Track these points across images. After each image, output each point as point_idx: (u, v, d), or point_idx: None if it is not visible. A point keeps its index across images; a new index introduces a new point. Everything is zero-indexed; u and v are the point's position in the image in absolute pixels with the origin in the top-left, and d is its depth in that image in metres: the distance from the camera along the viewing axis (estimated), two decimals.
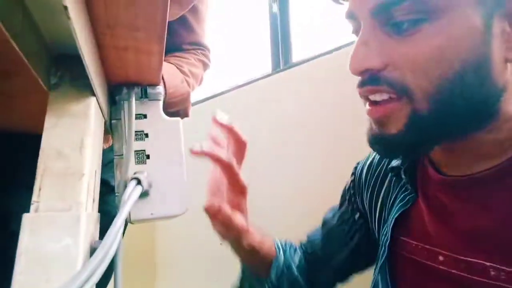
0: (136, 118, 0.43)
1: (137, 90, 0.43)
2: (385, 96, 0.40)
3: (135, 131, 0.43)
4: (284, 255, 0.60)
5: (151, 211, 0.42)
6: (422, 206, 0.47)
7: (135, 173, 0.41)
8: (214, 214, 0.48)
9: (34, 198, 0.28)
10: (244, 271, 0.61)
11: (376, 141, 0.42)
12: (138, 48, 0.35)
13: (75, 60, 0.32)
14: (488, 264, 0.37)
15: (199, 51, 0.84)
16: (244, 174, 0.51)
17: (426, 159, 0.47)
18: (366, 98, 0.42)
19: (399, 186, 0.52)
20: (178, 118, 0.47)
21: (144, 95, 0.44)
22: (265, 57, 1.53)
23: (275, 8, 1.56)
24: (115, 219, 0.31)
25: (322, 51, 1.28)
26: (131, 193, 0.35)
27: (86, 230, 0.28)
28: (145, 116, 0.45)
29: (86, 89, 0.33)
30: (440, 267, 0.42)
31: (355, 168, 0.64)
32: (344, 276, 0.64)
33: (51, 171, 0.29)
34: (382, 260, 0.49)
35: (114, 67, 0.39)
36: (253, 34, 1.78)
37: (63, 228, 0.27)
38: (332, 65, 1.21)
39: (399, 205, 0.50)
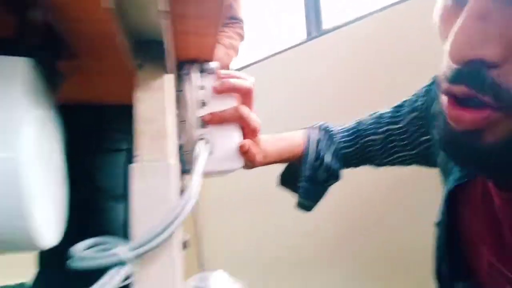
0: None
1: (196, 66, 0.51)
2: (479, 103, 0.30)
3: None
4: (314, 147, 0.64)
5: (214, 166, 0.51)
6: (478, 189, 0.44)
7: (200, 135, 0.50)
8: (244, 152, 0.53)
9: (137, 152, 0.38)
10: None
11: (459, 149, 0.34)
12: (199, 32, 0.44)
13: (154, 44, 0.41)
14: None
15: (236, 24, 0.91)
16: None
17: None
18: (448, 93, 0.33)
19: None
20: None
21: (201, 70, 0.52)
22: (300, 24, 1.57)
23: None
24: (195, 169, 0.40)
25: (353, 18, 1.31)
26: (202, 150, 0.45)
27: (175, 175, 0.38)
28: (202, 88, 0.54)
29: (163, 68, 0.42)
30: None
31: (427, 91, 0.59)
32: (388, 165, 0.67)
33: (145, 133, 0.39)
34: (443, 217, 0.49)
35: (179, 49, 0.47)
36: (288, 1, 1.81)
37: (160, 174, 0.37)
38: (365, 31, 1.24)
39: (454, 178, 0.46)
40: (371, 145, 0.67)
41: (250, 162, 0.55)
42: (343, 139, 0.68)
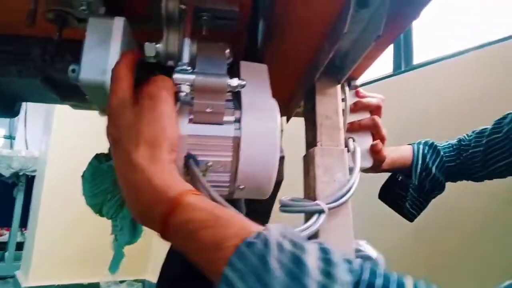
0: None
1: (347, 81, 0.65)
2: None
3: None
4: (421, 160, 0.72)
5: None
6: None
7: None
8: (377, 151, 0.65)
9: (318, 139, 0.51)
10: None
11: None
12: (370, 56, 0.56)
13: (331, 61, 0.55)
14: None
15: None
16: None
17: None
18: None
19: None
20: None
21: (349, 85, 0.65)
22: (387, 58, 1.66)
23: None
24: (356, 158, 0.53)
25: (444, 55, 1.38)
26: (356, 146, 0.57)
27: (344, 156, 0.50)
28: (345, 99, 0.67)
29: (336, 80, 0.55)
30: None
31: None
32: (486, 178, 0.73)
33: (324, 125, 0.52)
34: None
35: None
36: None
37: (336, 156, 0.50)
38: (456, 69, 1.30)
39: None
40: (472, 158, 0.73)
41: (379, 162, 0.67)
42: (446, 154, 0.75)
